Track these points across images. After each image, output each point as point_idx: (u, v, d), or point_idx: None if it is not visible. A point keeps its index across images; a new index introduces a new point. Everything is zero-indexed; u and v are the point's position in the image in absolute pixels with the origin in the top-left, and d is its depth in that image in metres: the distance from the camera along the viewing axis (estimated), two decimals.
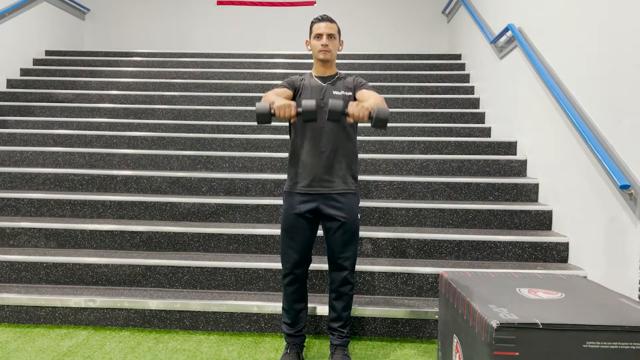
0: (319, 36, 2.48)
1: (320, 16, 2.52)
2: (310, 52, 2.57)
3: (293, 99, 2.51)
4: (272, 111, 2.16)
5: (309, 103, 2.14)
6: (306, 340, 2.71)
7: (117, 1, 7.80)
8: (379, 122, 2.11)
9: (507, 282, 2.24)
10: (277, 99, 2.24)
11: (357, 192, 2.53)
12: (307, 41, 2.59)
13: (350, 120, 2.18)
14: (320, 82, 2.52)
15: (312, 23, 2.53)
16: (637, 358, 1.68)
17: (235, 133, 4.83)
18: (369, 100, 2.33)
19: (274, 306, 2.91)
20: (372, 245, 3.35)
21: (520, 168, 4.11)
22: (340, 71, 2.63)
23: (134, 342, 2.79)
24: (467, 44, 6.15)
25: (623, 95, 2.68)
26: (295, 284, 2.51)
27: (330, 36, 2.47)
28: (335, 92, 2.48)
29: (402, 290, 3.10)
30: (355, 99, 2.51)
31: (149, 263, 3.19)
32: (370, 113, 2.12)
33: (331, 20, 2.50)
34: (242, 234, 3.40)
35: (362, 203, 3.58)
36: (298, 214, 2.44)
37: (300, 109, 2.17)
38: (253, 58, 6.52)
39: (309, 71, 2.62)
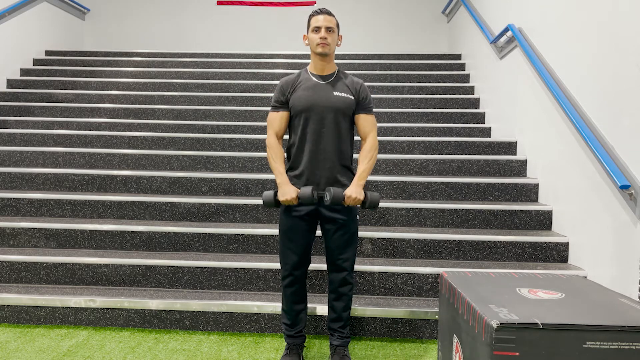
0: (317, 29, 2.39)
1: (319, 9, 2.44)
2: (308, 47, 2.47)
3: (287, 102, 2.45)
4: (277, 200, 2.38)
5: (305, 192, 2.29)
6: (306, 340, 2.71)
7: (117, 1, 7.80)
8: (370, 207, 2.37)
9: (507, 282, 2.24)
10: (280, 183, 2.37)
11: None
12: (304, 35, 2.49)
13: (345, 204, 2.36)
14: (318, 80, 2.45)
15: (310, 16, 2.44)
16: (637, 358, 1.68)
17: (235, 133, 4.84)
18: (368, 139, 2.46)
19: (274, 306, 2.91)
20: (372, 245, 3.35)
21: (520, 168, 4.11)
22: (340, 68, 2.56)
23: (134, 342, 2.79)
24: (467, 44, 6.15)
25: (623, 95, 2.68)
26: (294, 286, 2.50)
27: (328, 29, 2.39)
28: (336, 93, 2.42)
29: (402, 290, 3.10)
30: (357, 103, 2.45)
31: (149, 263, 3.19)
32: (364, 199, 2.35)
33: (330, 14, 2.42)
34: (242, 234, 3.40)
35: None
36: (297, 216, 2.43)
37: (299, 196, 2.33)
38: (253, 58, 6.52)
39: (303, 69, 2.52)
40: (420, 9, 7.57)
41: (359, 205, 2.39)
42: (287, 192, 2.33)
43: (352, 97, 2.44)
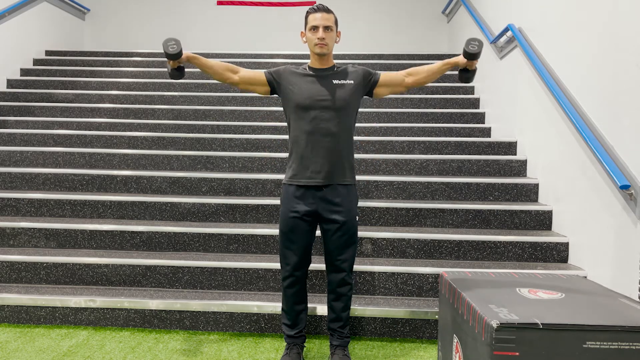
0: (314, 28, 2.36)
1: (316, 6, 2.38)
2: (306, 44, 2.45)
3: (273, 88, 2.49)
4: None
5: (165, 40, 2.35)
6: (306, 340, 2.71)
7: (117, 1, 7.80)
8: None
9: (507, 282, 2.24)
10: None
11: (355, 184, 2.51)
12: (302, 32, 2.46)
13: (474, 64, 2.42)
14: (315, 73, 2.44)
15: (308, 13, 2.39)
16: (637, 358, 1.68)
17: (235, 133, 4.84)
18: (406, 71, 2.55)
19: (274, 306, 2.91)
20: (372, 245, 3.35)
21: (520, 168, 4.11)
22: (337, 62, 2.56)
23: (134, 342, 2.79)
24: None
25: (623, 95, 2.68)
26: (295, 286, 2.50)
27: (326, 28, 2.35)
28: (335, 82, 2.40)
29: (402, 290, 3.10)
30: (363, 81, 2.46)
31: (149, 263, 3.19)
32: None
33: (328, 10, 2.37)
34: (242, 234, 3.40)
35: (362, 203, 3.58)
36: (296, 217, 2.42)
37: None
38: (253, 58, 6.52)
39: (303, 66, 2.53)
40: (420, 8, 7.58)
41: (477, 56, 2.38)
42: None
43: (352, 82, 2.43)
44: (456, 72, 5.95)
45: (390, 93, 2.59)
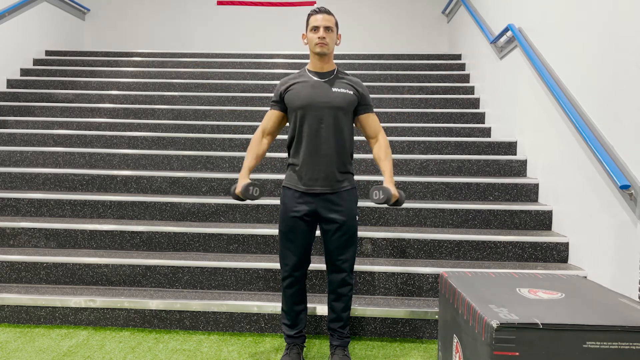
0: (315, 29, 2.40)
1: (318, 8, 2.44)
2: (307, 46, 2.48)
3: (284, 104, 2.50)
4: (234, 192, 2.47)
5: (241, 187, 2.41)
6: (306, 340, 2.71)
7: (117, 1, 7.81)
8: (397, 205, 2.44)
9: (507, 282, 2.24)
10: (239, 176, 2.49)
11: (355, 186, 2.52)
12: (303, 34, 2.50)
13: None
14: (316, 77, 2.45)
15: (309, 15, 2.45)
16: (637, 358, 1.68)
17: (235, 133, 4.84)
18: (379, 137, 2.57)
19: (274, 306, 2.91)
20: (372, 245, 3.35)
21: (520, 168, 4.11)
22: (339, 68, 2.57)
23: (134, 342, 2.79)
24: (467, 44, 6.15)
25: (623, 95, 2.68)
26: (295, 286, 2.50)
27: (327, 29, 2.39)
28: (335, 90, 2.42)
29: (402, 290, 3.10)
30: (358, 101, 2.48)
31: (149, 263, 3.19)
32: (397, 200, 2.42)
33: (328, 13, 2.42)
34: (242, 234, 3.40)
35: (362, 203, 3.58)
36: (296, 217, 2.42)
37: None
38: (253, 58, 6.52)
39: (303, 68, 2.54)
40: (420, 8, 7.58)
41: (387, 203, 2.39)
42: (238, 186, 2.45)
43: (352, 93, 2.45)
44: (457, 72, 5.97)
45: (360, 130, 2.61)
